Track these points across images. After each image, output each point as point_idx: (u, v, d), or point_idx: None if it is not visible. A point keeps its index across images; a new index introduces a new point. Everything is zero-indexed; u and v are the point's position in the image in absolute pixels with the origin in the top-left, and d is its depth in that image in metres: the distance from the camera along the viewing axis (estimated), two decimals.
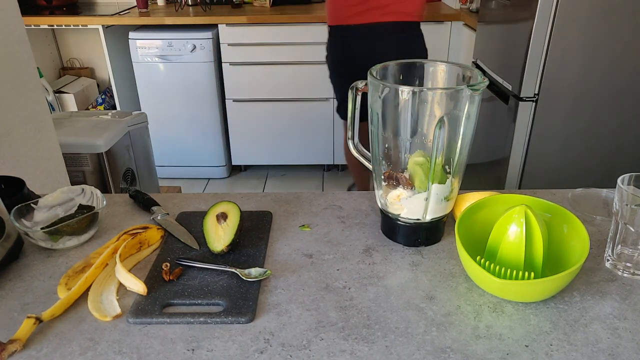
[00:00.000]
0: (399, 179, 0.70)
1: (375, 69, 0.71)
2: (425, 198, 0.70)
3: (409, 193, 0.70)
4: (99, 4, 3.14)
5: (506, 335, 0.58)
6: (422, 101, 0.65)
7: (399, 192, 0.71)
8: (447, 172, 0.70)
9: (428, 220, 0.72)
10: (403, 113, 0.67)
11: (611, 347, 0.56)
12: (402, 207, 0.72)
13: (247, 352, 0.56)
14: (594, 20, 1.68)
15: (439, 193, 0.70)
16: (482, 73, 0.69)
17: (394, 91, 0.66)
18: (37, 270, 0.70)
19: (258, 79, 2.80)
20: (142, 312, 0.61)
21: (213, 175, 3.08)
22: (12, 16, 1.37)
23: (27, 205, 0.77)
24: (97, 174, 2.02)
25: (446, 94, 0.65)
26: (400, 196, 0.71)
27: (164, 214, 0.81)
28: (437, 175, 0.68)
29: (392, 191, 0.71)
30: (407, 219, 0.72)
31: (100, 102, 3.11)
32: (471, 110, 0.66)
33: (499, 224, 0.65)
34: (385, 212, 0.75)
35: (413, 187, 0.70)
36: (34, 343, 0.57)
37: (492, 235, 0.66)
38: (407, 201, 0.71)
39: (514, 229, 0.63)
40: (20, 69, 1.39)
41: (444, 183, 0.69)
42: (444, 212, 0.73)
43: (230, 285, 0.65)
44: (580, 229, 0.66)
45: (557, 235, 0.68)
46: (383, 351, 0.56)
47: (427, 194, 0.69)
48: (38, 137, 1.46)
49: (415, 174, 0.69)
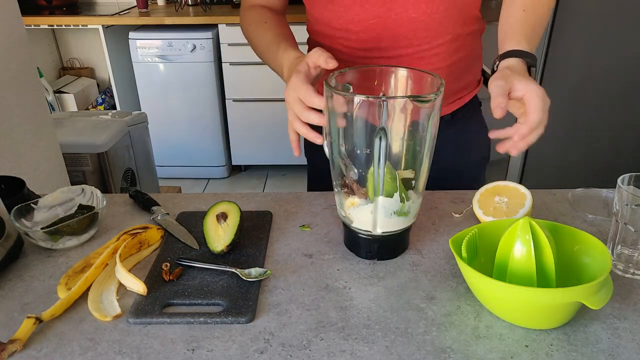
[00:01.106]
0: (352, 187, 0.68)
1: (334, 75, 0.68)
2: (371, 211, 0.67)
3: (361, 202, 0.68)
4: (99, 4, 3.14)
5: (506, 335, 0.58)
6: (371, 111, 0.62)
7: (353, 201, 0.69)
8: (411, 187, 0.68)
9: (380, 234, 0.69)
10: (356, 121, 0.63)
11: (611, 347, 0.56)
12: (352, 216, 0.70)
13: (247, 352, 0.56)
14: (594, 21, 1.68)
15: (387, 207, 0.67)
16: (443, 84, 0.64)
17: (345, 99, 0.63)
18: (37, 270, 0.70)
19: (258, 79, 2.80)
20: (142, 312, 0.61)
21: (213, 175, 3.08)
22: (12, 16, 1.37)
23: (27, 205, 0.77)
24: (97, 174, 2.02)
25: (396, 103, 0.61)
26: (353, 204, 0.69)
27: (164, 214, 0.81)
28: (386, 187, 0.65)
29: (348, 199, 0.70)
30: (358, 229, 0.70)
31: (100, 102, 3.11)
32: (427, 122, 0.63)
33: (503, 242, 0.62)
34: (343, 222, 0.73)
35: (367, 197, 0.68)
36: (34, 343, 0.57)
37: (499, 255, 0.63)
38: (355, 210, 0.69)
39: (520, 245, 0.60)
40: (20, 69, 1.39)
41: (391, 197, 0.66)
42: (399, 227, 0.69)
43: (230, 285, 0.65)
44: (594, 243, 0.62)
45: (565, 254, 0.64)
46: (383, 351, 0.56)
47: (374, 206, 0.67)
48: (38, 137, 1.46)
49: (369, 183, 0.67)
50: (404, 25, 0.86)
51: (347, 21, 0.88)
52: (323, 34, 0.94)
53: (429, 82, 0.68)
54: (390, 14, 0.85)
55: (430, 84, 0.68)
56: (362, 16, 0.86)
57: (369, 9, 0.85)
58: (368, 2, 0.85)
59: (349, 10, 0.87)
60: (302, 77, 0.70)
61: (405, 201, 0.67)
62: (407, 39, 0.87)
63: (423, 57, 0.89)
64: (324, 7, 0.90)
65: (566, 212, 0.83)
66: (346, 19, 0.88)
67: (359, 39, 0.89)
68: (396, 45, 0.88)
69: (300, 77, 0.70)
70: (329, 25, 0.91)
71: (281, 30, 0.90)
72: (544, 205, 0.85)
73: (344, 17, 0.88)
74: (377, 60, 0.90)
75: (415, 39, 0.87)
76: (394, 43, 0.88)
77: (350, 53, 0.91)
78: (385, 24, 0.86)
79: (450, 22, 0.88)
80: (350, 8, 0.86)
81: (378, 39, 0.88)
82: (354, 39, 0.89)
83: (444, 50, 0.90)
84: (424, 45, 0.88)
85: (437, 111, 0.64)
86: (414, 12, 0.85)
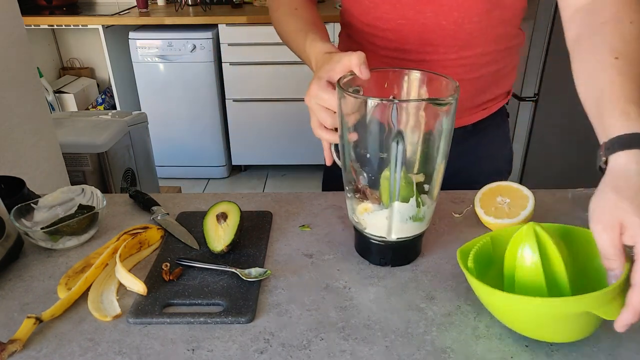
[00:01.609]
0: (365, 192, 0.67)
1: (346, 76, 0.66)
2: (387, 216, 0.66)
3: (375, 208, 0.67)
4: (99, 4, 3.14)
5: (506, 335, 0.58)
6: (387, 114, 0.60)
7: (366, 206, 0.68)
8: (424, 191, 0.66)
9: (394, 240, 0.68)
10: (369, 125, 0.61)
11: (611, 347, 0.56)
12: (366, 222, 0.68)
13: (247, 352, 0.56)
14: None
15: (403, 212, 0.65)
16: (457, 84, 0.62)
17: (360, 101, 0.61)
18: (37, 270, 0.70)
19: (258, 79, 2.80)
20: (142, 312, 0.61)
21: (213, 175, 3.08)
22: (12, 16, 1.37)
23: (27, 205, 0.77)
24: (97, 174, 2.02)
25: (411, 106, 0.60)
26: (367, 210, 0.68)
27: (164, 214, 0.81)
28: (402, 192, 0.64)
29: (361, 204, 0.68)
30: (371, 235, 0.68)
31: (100, 102, 3.11)
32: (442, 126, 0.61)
33: (509, 250, 0.59)
34: (355, 227, 0.71)
35: (381, 203, 0.66)
36: (34, 343, 0.57)
37: (506, 264, 0.59)
38: (370, 216, 0.67)
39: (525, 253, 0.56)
40: (20, 69, 1.39)
41: (407, 202, 0.65)
42: (413, 232, 0.68)
43: (230, 285, 0.65)
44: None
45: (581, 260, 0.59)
46: (383, 351, 0.56)
47: (389, 212, 0.65)
48: (38, 137, 1.46)
49: (382, 188, 0.65)
50: (432, 31, 0.83)
51: (375, 18, 0.85)
52: (352, 27, 0.92)
53: (444, 85, 0.66)
54: (420, 18, 0.82)
55: (444, 87, 0.66)
56: (391, 15, 0.83)
57: (399, 9, 0.82)
58: (399, 2, 0.82)
59: (378, 7, 0.84)
60: (323, 84, 0.67)
61: (421, 206, 0.66)
62: (432, 46, 0.84)
63: (447, 67, 0.85)
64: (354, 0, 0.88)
65: (566, 212, 0.83)
66: (374, 15, 0.85)
67: (385, 38, 0.86)
68: (421, 50, 0.85)
69: (321, 84, 0.67)
70: (358, 19, 0.89)
71: (311, 18, 0.86)
72: (544, 205, 0.85)
73: (373, 13, 0.85)
74: (399, 62, 0.87)
75: (441, 47, 0.84)
76: (419, 47, 0.85)
77: (374, 51, 0.88)
78: (412, 27, 0.83)
79: (483, 35, 0.83)
80: (380, 6, 0.84)
81: (404, 41, 0.85)
82: (380, 37, 0.87)
83: (472, 63, 0.86)
84: (450, 55, 0.85)
85: (452, 114, 0.61)
86: (444, 20, 0.81)
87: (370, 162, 0.64)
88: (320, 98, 0.68)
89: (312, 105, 0.69)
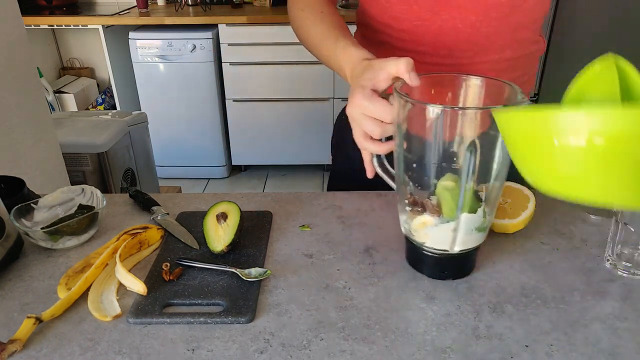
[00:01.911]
0: (424, 205, 0.63)
1: (401, 81, 0.63)
2: (453, 229, 0.62)
3: (436, 221, 0.63)
4: (99, 4, 3.14)
5: (506, 335, 0.58)
6: (452, 121, 0.57)
7: (425, 219, 0.64)
8: (480, 199, 0.62)
9: (456, 252, 0.65)
10: (431, 133, 0.59)
11: (611, 347, 0.56)
12: (427, 236, 0.65)
13: (247, 352, 0.56)
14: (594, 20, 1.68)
15: (469, 223, 0.62)
16: (521, 91, 0.59)
17: (420, 109, 0.59)
18: (37, 270, 0.70)
19: (258, 79, 2.81)
20: (142, 312, 0.61)
21: (213, 175, 3.08)
22: (12, 16, 1.37)
23: (27, 205, 0.77)
24: (97, 174, 2.02)
25: (480, 114, 0.57)
26: (426, 224, 0.64)
27: (164, 214, 0.81)
28: (468, 203, 0.61)
29: (418, 217, 0.64)
30: (432, 248, 0.65)
31: (100, 102, 3.11)
32: None
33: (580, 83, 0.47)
34: (410, 239, 0.68)
35: (440, 215, 0.63)
36: (34, 343, 0.57)
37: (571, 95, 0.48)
38: (433, 230, 0.64)
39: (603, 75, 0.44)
40: (20, 69, 1.39)
41: (475, 212, 0.61)
42: (475, 243, 0.65)
43: (230, 285, 0.65)
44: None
45: None
46: (383, 351, 0.56)
47: (456, 224, 0.62)
48: (38, 137, 1.46)
49: (443, 200, 0.62)
50: (448, 34, 0.81)
51: (391, 17, 0.84)
52: (369, 27, 0.90)
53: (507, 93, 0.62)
54: (436, 20, 0.80)
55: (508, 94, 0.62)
56: (407, 16, 0.82)
57: (416, 10, 0.80)
58: (416, 3, 0.80)
59: (393, 6, 0.82)
60: (368, 93, 0.64)
61: (487, 216, 0.64)
62: (447, 49, 0.82)
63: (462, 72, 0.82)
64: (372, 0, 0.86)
65: (566, 212, 0.83)
66: (390, 15, 0.83)
67: (400, 38, 0.85)
68: (435, 52, 0.83)
69: (366, 93, 0.64)
70: (374, 19, 0.87)
71: (338, 23, 0.82)
72: (544, 205, 0.85)
73: (389, 12, 0.83)
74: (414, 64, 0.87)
75: (456, 51, 0.82)
76: (434, 50, 0.83)
77: (390, 51, 0.86)
78: (428, 29, 0.81)
79: (500, 40, 0.82)
80: (395, 5, 0.82)
81: (418, 42, 0.83)
82: (395, 37, 0.85)
83: (489, 69, 0.83)
84: (464, 60, 0.83)
85: None
86: (461, 23, 0.79)
87: (429, 172, 0.61)
88: (365, 108, 0.64)
89: (357, 116, 0.66)
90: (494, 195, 0.63)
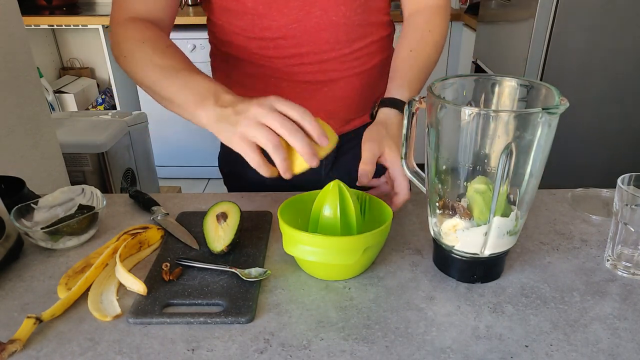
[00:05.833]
0: (455, 208, 0.63)
1: (436, 83, 0.63)
2: (484, 232, 0.61)
3: (466, 224, 0.62)
4: (99, 4, 3.14)
5: (506, 335, 0.58)
6: (486, 124, 0.57)
7: (455, 223, 0.63)
8: (511, 202, 0.62)
9: (486, 256, 0.64)
10: (464, 135, 0.58)
11: (611, 347, 0.56)
12: (457, 239, 0.64)
13: (247, 352, 0.56)
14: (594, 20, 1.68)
15: (502, 227, 0.61)
16: (559, 92, 0.59)
17: (455, 111, 0.58)
18: (37, 270, 0.70)
19: None
20: (142, 312, 0.61)
21: (213, 175, 3.08)
22: (12, 16, 1.37)
23: (27, 205, 0.77)
24: (97, 174, 2.02)
25: (517, 117, 0.57)
26: (456, 227, 0.63)
27: (164, 214, 0.81)
28: (501, 206, 0.60)
29: (448, 220, 0.64)
30: (462, 252, 0.65)
31: (100, 102, 3.11)
32: (545, 135, 0.58)
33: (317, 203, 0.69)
34: (439, 242, 0.67)
35: (471, 218, 0.62)
36: (34, 343, 0.57)
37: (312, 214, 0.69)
38: (464, 233, 0.63)
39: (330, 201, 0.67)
40: (20, 69, 1.39)
41: (507, 216, 0.61)
42: (506, 247, 0.65)
43: (230, 285, 0.65)
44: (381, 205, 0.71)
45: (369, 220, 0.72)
46: (383, 351, 0.56)
47: (488, 228, 0.61)
48: (38, 137, 1.46)
49: (474, 203, 0.61)
50: (326, 29, 0.84)
51: (263, 29, 0.83)
52: (234, 45, 0.88)
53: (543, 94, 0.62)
54: (311, 17, 0.82)
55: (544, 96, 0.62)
56: (281, 22, 0.82)
57: (287, 13, 0.82)
58: (286, 7, 0.81)
59: (263, 17, 0.82)
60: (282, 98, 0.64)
61: (519, 219, 0.63)
62: (329, 43, 0.85)
63: (345, 61, 0.88)
64: (234, 17, 0.84)
65: (566, 212, 0.83)
66: (262, 26, 0.83)
67: (277, 47, 0.85)
68: (318, 49, 0.86)
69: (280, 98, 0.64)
70: (241, 35, 0.85)
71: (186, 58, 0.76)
72: (544, 205, 0.85)
73: (259, 25, 0.83)
74: (298, 68, 0.87)
75: (337, 43, 0.86)
76: (316, 47, 0.86)
77: (269, 64, 0.87)
78: (305, 28, 0.83)
79: (368, 24, 0.88)
80: (265, 15, 0.82)
81: (299, 44, 0.85)
82: (272, 47, 0.85)
83: (366, 54, 0.90)
84: (345, 49, 0.87)
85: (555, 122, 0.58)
86: (334, 15, 0.83)
87: (460, 175, 0.61)
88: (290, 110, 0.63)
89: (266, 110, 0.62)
90: (527, 199, 0.62)
